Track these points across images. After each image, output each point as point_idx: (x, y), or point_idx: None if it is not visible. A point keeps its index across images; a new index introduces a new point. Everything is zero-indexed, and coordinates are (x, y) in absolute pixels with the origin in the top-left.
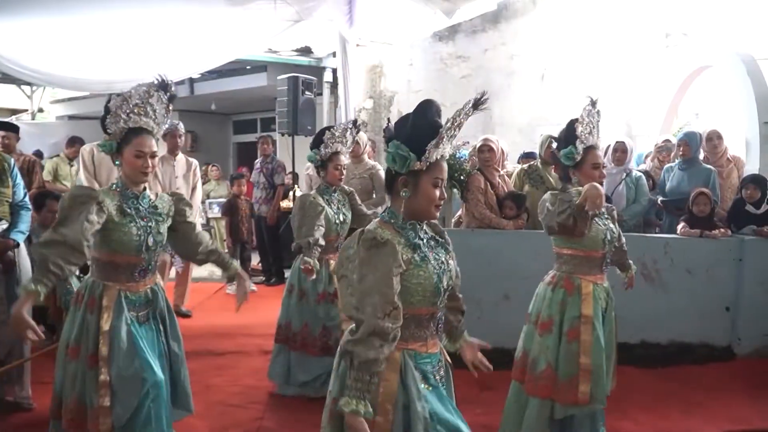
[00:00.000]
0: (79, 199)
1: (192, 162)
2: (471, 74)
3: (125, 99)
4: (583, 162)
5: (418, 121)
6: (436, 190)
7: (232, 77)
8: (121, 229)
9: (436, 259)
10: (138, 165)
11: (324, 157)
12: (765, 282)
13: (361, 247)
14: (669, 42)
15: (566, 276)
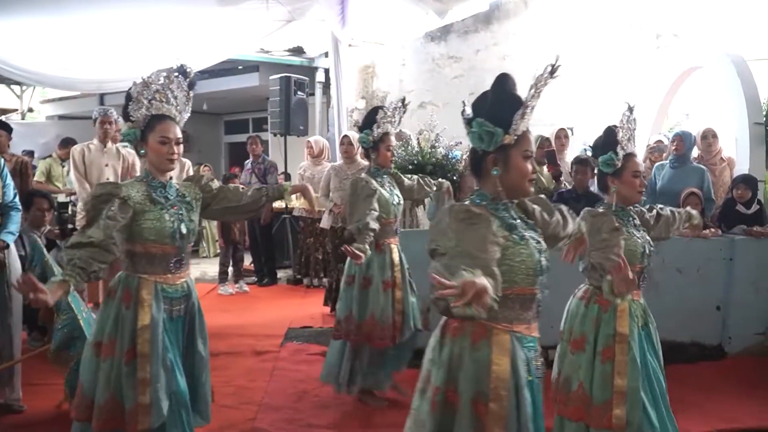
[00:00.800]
0: (100, 198)
1: (184, 162)
2: (463, 75)
3: (146, 84)
4: (623, 169)
5: (499, 95)
6: (528, 163)
7: (224, 77)
8: (153, 216)
9: (533, 237)
10: (164, 152)
11: (376, 138)
12: (755, 281)
13: (452, 219)
14: (660, 43)
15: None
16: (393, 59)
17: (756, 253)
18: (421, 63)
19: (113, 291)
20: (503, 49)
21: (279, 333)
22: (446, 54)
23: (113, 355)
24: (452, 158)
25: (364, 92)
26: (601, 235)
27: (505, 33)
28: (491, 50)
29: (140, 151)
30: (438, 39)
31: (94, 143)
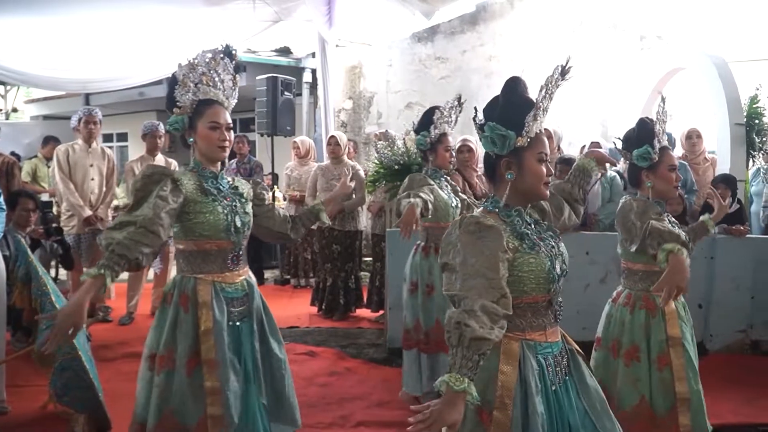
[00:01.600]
0: (152, 178)
1: (171, 162)
2: (450, 75)
3: (192, 67)
4: (659, 163)
5: (510, 97)
6: (542, 165)
7: None
8: (206, 209)
9: (546, 244)
10: (214, 138)
11: (433, 139)
12: (736, 279)
13: (462, 232)
14: (643, 44)
15: (644, 295)
16: (380, 60)
17: (736, 252)
18: (408, 64)
19: (168, 296)
20: (489, 49)
21: None
22: (433, 55)
23: (171, 367)
24: None
25: (351, 93)
26: (649, 215)
27: (491, 34)
28: (477, 51)
29: (188, 139)
30: (425, 40)
31: (79, 143)
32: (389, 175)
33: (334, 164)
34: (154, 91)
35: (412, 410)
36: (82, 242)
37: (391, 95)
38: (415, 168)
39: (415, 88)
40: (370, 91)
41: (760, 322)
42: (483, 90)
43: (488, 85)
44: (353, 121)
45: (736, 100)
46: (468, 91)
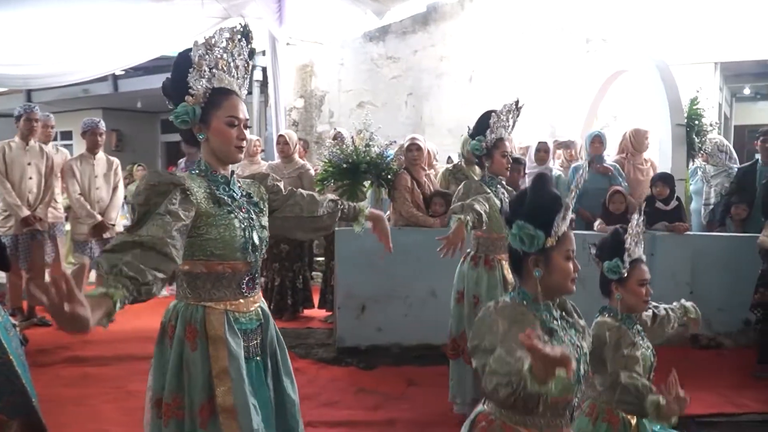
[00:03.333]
0: (156, 189)
1: (113, 161)
2: (401, 75)
3: (209, 47)
4: (628, 277)
5: (538, 196)
6: (569, 262)
7: (159, 74)
8: (219, 223)
9: (572, 342)
10: (232, 136)
11: (489, 144)
12: (675, 275)
13: (500, 316)
14: (589, 47)
15: (608, 408)
16: (331, 59)
17: (676, 248)
18: (360, 63)
19: (169, 328)
20: (440, 50)
21: None
22: (384, 54)
23: (179, 417)
24: (386, 157)
25: (302, 91)
26: (622, 351)
27: (441, 34)
28: (429, 51)
29: (199, 135)
30: (376, 39)
31: (16, 141)
32: (337, 174)
33: (285, 163)
34: (99, 88)
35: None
36: (20, 243)
37: (342, 94)
38: (363, 167)
39: (366, 87)
40: (321, 89)
41: None
42: (434, 90)
43: (439, 85)
44: (305, 120)
45: (677, 102)
46: (419, 90)
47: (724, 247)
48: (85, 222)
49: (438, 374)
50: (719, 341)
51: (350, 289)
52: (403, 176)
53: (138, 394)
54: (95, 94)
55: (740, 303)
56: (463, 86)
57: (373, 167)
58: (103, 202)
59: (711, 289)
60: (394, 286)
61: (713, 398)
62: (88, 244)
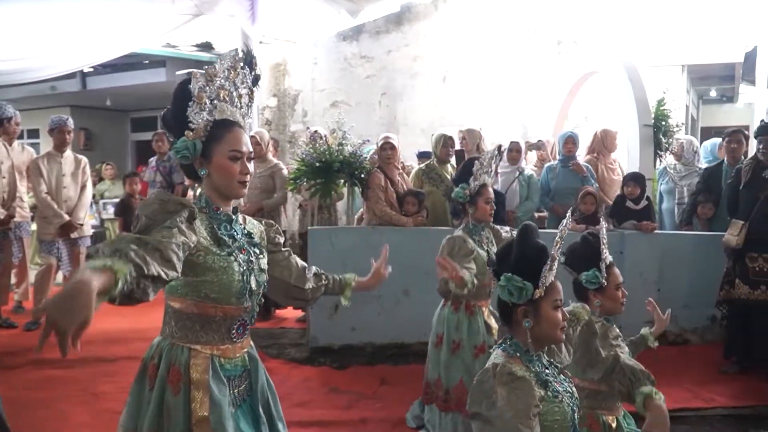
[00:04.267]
0: (165, 206)
1: (81, 159)
2: (375, 74)
3: (209, 77)
4: (607, 283)
5: (524, 248)
6: (558, 311)
7: (129, 72)
8: (218, 265)
9: (565, 390)
10: (234, 171)
11: (473, 191)
12: (643, 273)
13: (497, 383)
14: (561, 49)
15: (589, 413)
16: (305, 58)
17: (644, 247)
18: (334, 62)
19: (150, 367)
20: (414, 50)
21: None
22: (358, 54)
23: None
24: (359, 156)
25: (275, 90)
26: (610, 341)
27: (415, 34)
28: (402, 51)
29: (200, 171)
30: (350, 39)
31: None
32: (310, 173)
33: (257, 163)
34: (67, 85)
35: None
36: None
37: (316, 93)
38: (336, 166)
39: (340, 86)
40: (295, 89)
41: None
42: (408, 90)
43: (413, 85)
44: (278, 119)
45: (644, 102)
46: (393, 90)
47: (691, 245)
48: (52, 222)
49: (411, 373)
50: (686, 337)
51: None
52: (377, 175)
53: (105, 396)
54: (63, 92)
55: (706, 300)
56: (437, 86)
57: (346, 166)
58: (71, 202)
59: (678, 287)
60: None
61: (681, 393)
62: (55, 244)
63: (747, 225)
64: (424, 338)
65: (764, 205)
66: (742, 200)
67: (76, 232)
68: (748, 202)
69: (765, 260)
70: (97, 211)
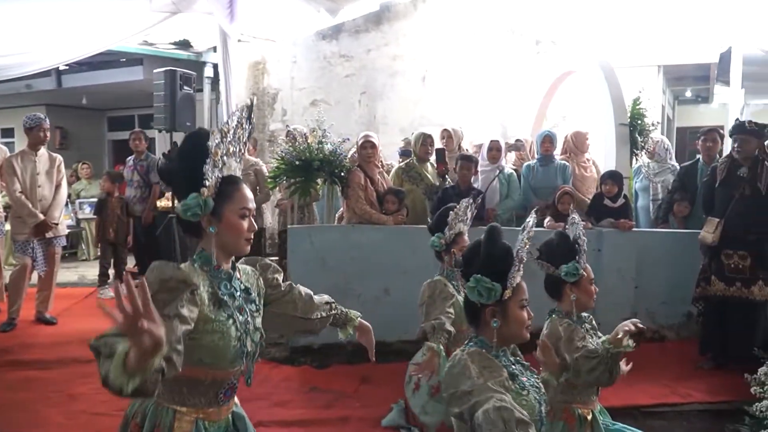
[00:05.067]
0: (166, 285)
1: (56, 157)
2: (355, 74)
3: (224, 134)
4: (582, 278)
5: (491, 250)
6: (524, 311)
7: (105, 70)
8: (217, 329)
9: (532, 384)
10: (243, 228)
11: (449, 239)
12: (621, 270)
13: (471, 362)
14: (539, 49)
15: (565, 407)
16: (284, 56)
17: (622, 244)
18: (313, 61)
19: (133, 426)
20: (394, 49)
21: None
22: (338, 52)
23: None
24: (339, 154)
25: (254, 89)
26: (576, 344)
27: (395, 34)
28: (382, 50)
29: (210, 228)
30: (329, 37)
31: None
32: (290, 171)
33: None
34: (42, 84)
35: None
36: None
37: (295, 92)
38: (316, 164)
39: (320, 85)
40: (274, 87)
41: (643, 310)
42: (387, 89)
43: (392, 84)
44: (257, 118)
45: (620, 101)
46: (373, 89)
47: (667, 243)
48: (27, 221)
49: (391, 372)
50: (663, 334)
51: None
52: (357, 173)
53: (81, 398)
54: (38, 90)
55: (682, 297)
56: (417, 86)
57: (326, 164)
58: (46, 201)
59: (655, 284)
60: (347, 284)
61: (658, 389)
62: (29, 244)
63: (722, 222)
64: (405, 336)
65: (739, 202)
66: (718, 198)
67: (51, 232)
68: (724, 199)
69: (740, 257)
70: (73, 210)
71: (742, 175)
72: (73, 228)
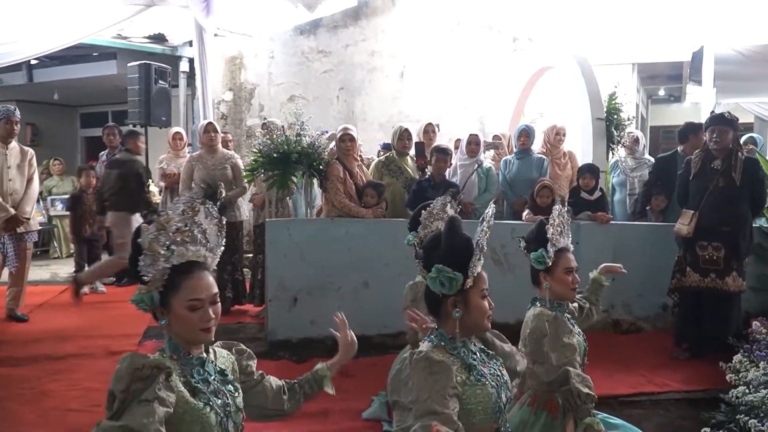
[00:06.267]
0: (139, 374)
1: (27, 151)
2: (333, 69)
3: (161, 227)
4: (555, 267)
5: (451, 240)
6: (485, 300)
7: (78, 64)
8: (194, 420)
9: (492, 373)
10: (195, 320)
11: (423, 238)
12: (599, 262)
13: (414, 370)
14: (516, 46)
15: (549, 397)
16: (261, 51)
17: (599, 237)
18: (291, 56)
19: None
20: (371, 45)
21: (137, 332)
22: (316, 48)
23: None
24: (318, 147)
25: (231, 84)
26: (562, 341)
27: (373, 29)
28: (360, 46)
29: (160, 320)
30: (307, 33)
31: None
32: (268, 164)
33: (210, 153)
34: (12, 78)
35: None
36: None
37: (273, 88)
38: (294, 156)
39: (297, 81)
40: (251, 83)
41: (619, 303)
42: (366, 85)
43: (371, 80)
44: (234, 113)
45: (597, 96)
46: (351, 85)
47: (644, 235)
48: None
49: (371, 365)
50: (639, 325)
51: (282, 281)
52: (335, 166)
53: (53, 395)
54: (8, 85)
55: (658, 289)
56: (395, 81)
57: (304, 157)
58: (17, 195)
59: (631, 276)
60: (327, 278)
61: (635, 379)
62: (0, 239)
63: (697, 215)
64: (384, 330)
65: (713, 195)
66: (692, 190)
67: (22, 227)
68: (698, 192)
69: (714, 249)
70: (45, 207)
71: (715, 167)
72: (44, 225)
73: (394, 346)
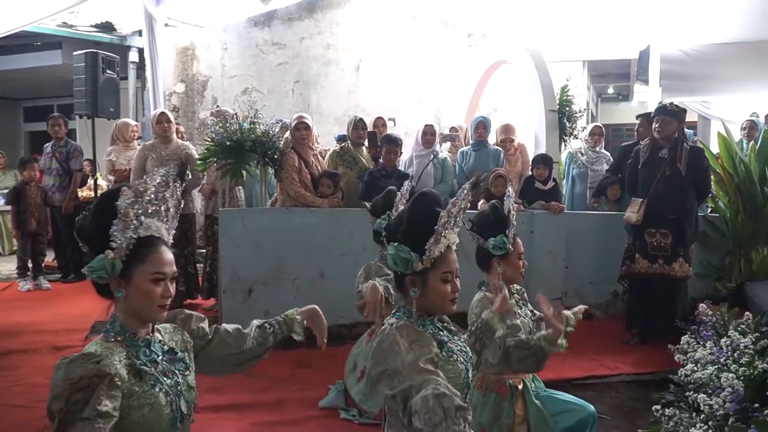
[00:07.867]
0: (77, 386)
1: None
2: (288, 62)
3: (138, 193)
4: (510, 252)
5: (413, 216)
6: (447, 285)
7: (20, 54)
8: (143, 403)
9: (459, 350)
10: (155, 294)
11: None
12: (552, 251)
13: (397, 335)
14: (471, 41)
15: (497, 378)
16: (214, 43)
17: (552, 226)
18: (245, 48)
19: None
20: (327, 38)
21: (83, 327)
22: (270, 40)
23: None
24: (272, 136)
25: (183, 75)
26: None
27: (329, 22)
28: (315, 39)
29: (117, 292)
30: (262, 24)
31: None
32: (221, 152)
33: (164, 143)
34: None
35: None
36: None
37: (226, 80)
38: (248, 145)
39: (251, 73)
40: (204, 74)
41: (572, 290)
42: (321, 78)
43: (326, 73)
44: (186, 105)
45: (549, 88)
46: (307, 78)
47: (596, 224)
48: None
49: (328, 355)
50: (591, 312)
51: (236, 271)
52: (291, 156)
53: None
54: None
55: (609, 276)
56: (351, 75)
57: (258, 146)
58: None
59: (583, 264)
60: (282, 268)
61: (587, 363)
62: None
63: (645, 202)
64: (340, 320)
65: (660, 183)
66: (641, 179)
67: None
68: (646, 180)
69: (662, 235)
70: None
71: (663, 156)
72: None
73: (350, 336)
